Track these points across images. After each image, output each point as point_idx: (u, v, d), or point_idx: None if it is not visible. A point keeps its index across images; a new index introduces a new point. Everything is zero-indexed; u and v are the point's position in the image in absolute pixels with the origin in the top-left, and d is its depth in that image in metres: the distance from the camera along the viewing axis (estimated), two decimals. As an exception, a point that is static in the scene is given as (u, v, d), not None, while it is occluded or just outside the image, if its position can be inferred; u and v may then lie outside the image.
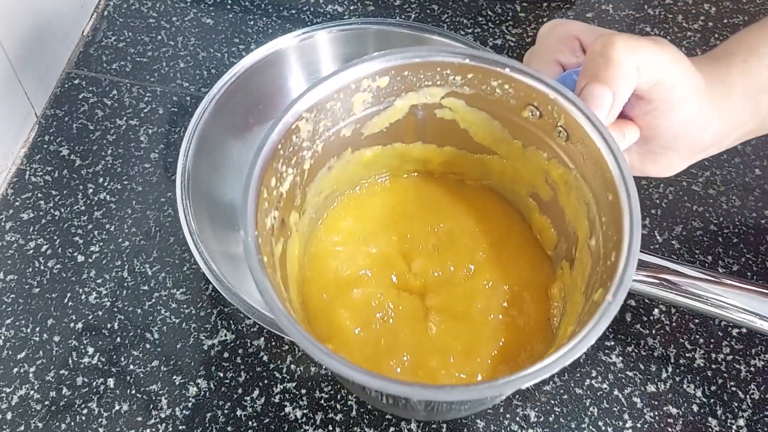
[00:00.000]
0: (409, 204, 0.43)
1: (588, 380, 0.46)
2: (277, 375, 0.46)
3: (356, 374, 0.29)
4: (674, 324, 0.48)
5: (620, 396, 0.46)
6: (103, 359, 0.46)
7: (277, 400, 0.45)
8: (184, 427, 0.44)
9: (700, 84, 0.38)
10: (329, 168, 0.40)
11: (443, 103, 0.39)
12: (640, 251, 0.44)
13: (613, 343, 0.47)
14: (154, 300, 0.48)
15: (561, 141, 0.36)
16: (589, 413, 0.45)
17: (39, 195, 0.52)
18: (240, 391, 0.45)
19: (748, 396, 0.46)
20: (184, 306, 0.48)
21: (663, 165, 0.40)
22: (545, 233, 0.41)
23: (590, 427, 0.45)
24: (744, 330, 0.48)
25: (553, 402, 0.45)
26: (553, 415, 0.45)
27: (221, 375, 0.46)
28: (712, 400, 0.46)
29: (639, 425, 0.45)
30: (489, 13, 0.63)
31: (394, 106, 0.39)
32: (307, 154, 0.37)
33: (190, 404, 0.45)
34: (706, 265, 0.50)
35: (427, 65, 0.37)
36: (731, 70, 0.40)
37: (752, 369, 0.47)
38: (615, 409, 0.45)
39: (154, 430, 0.44)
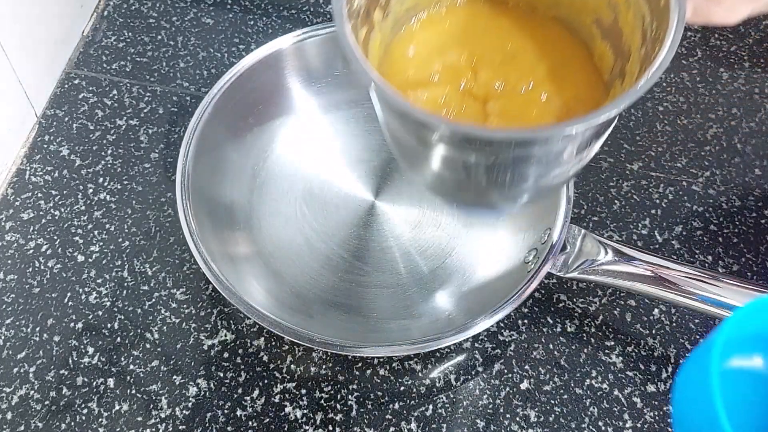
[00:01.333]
0: (481, 25, 0.46)
1: (588, 380, 0.46)
2: (277, 375, 0.46)
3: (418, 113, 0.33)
4: (674, 324, 0.48)
5: (620, 396, 0.46)
6: (103, 359, 0.46)
7: (277, 400, 0.45)
8: (184, 427, 0.44)
9: None
10: None
11: None
12: (641, 251, 0.44)
13: (613, 343, 0.47)
14: (154, 300, 0.48)
15: None
16: (589, 413, 0.45)
17: (39, 195, 0.52)
18: (240, 391, 0.45)
19: (748, 396, 0.46)
20: (184, 306, 0.48)
21: (727, 5, 0.41)
22: (604, 59, 0.43)
23: (590, 427, 0.45)
24: (744, 330, 0.48)
25: (553, 402, 0.45)
26: (553, 415, 0.45)
27: (221, 375, 0.46)
28: (712, 400, 0.46)
29: (639, 425, 0.45)
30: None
31: None
32: None
33: (190, 404, 0.45)
34: (706, 265, 0.50)
35: None
36: None
37: (752, 369, 0.47)
38: (615, 409, 0.45)
39: (154, 430, 0.44)
